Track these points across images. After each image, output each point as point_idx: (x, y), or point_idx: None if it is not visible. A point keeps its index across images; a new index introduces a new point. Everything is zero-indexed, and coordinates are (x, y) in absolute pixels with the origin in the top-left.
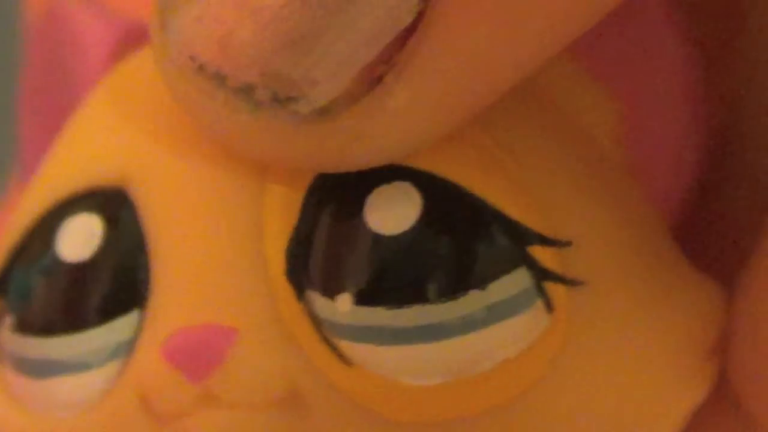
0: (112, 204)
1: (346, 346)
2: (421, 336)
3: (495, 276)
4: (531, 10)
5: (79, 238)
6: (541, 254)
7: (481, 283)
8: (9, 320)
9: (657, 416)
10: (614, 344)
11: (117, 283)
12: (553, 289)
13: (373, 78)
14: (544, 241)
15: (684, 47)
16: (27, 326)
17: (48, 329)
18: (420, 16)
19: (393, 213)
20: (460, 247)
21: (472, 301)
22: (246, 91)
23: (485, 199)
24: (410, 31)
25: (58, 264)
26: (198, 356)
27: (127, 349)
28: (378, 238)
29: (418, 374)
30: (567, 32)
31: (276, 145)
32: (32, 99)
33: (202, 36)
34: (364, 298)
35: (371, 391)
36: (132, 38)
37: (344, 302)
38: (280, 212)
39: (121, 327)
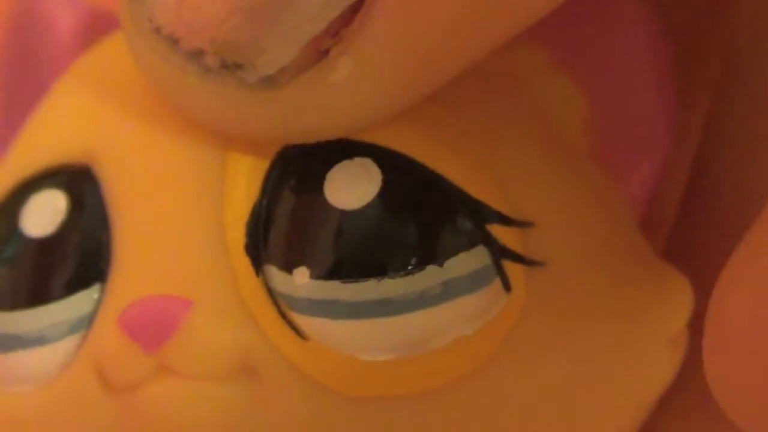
0: (77, 181)
1: (302, 320)
2: (375, 310)
3: (453, 252)
4: None
5: (43, 214)
6: (500, 233)
7: (438, 259)
8: None
9: (612, 402)
10: (571, 327)
11: (79, 258)
12: (512, 268)
13: (320, 52)
14: (505, 220)
15: (656, 35)
16: None
17: (10, 304)
18: None
19: (352, 188)
20: (417, 223)
21: (429, 277)
22: (196, 55)
23: (445, 177)
24: (358, 7)
25: (22, 240)
26: (152, 326)
27: (86, 323)
28: (336, 213)
29: (372, 349)
30: (524, 13)
31: (223, 110)
32: (5, 91)
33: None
34: (320, 272)
35: (325, 365)
36: (100, 24)
37: (301, 276)
38: (241, 186)
39: (80, 301)
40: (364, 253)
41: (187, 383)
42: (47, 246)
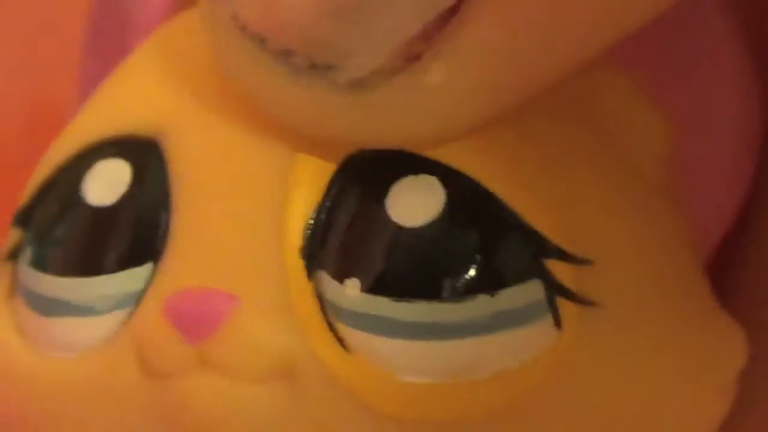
0: (144, 154)
1: (347, 332)
2: (422, 333)
3: (506, 284)
4: None
5: (106, 183)
6: (558, 269)
7: (492, 289)
8: (28, 254)
9: None
10: (618, 369)
11: (136, 233)
12: (565, 306)
13: (412, 55)
14: (563, 256)
15: (748, 70)
16: (44, 263)
17: (64, 269)
18: None
19: (415, 205)
20: (475, 250)
21: (479, 306)
22: (285, 55)
23: (509, 206)
24: (453, 11)
25: (82, 206)
26: (196, 319)
27: (134, 300)
28: (395, 228)
29: (414, 371)
30: (620, 22)
31: (310, 112)
32: (94, 41)
33: None
34: (372, 287)
35: (365, 381)
36: None
37: (352, 287)
38: (306, 187)
39: (130, 278)
40: (417, 273)
41: (225, 380)
42: (105, 217)
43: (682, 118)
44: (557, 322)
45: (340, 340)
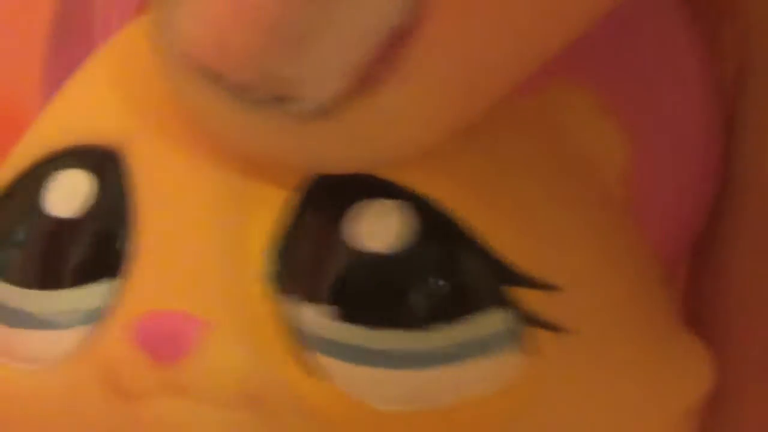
0: (104, 164)
1: (314, 358)
2: (387, 361)
3: (470, 312)
4: (530, 5)
5: (66, 194)
6: (525, 296)
7: (456, 318)
8: None
9: None
10: (590, 396)
11: (95, 247)
12: (534, 333)
13: (371, 79)
14: (530, 283)
15: (707, 85)
16: (8, 274)
17: (26, 281)
18: (415, 15)
19: (381, 231)
20: (440, 278)
21: (444, 335)
22: (242, 89)
23: (477, 233)
24: (406, 31)
25: (42, 217)
26: (167, 342)
27: (95, 317)
28: (360, 255)
29: (380, 398)
30: (571, 27)
31: (272, 143)
32: (59, 39)
33: (197, 33)
34: (340, 313)
35: (335, 408)
36: None
37: (318, 313)
38: (268, 209)
39: (92, 294)
40: (382, 300)
41: (192, 404)
42: (65, 229)
43: (642, 133)
44: (526, 350)
45: (307, 366)
